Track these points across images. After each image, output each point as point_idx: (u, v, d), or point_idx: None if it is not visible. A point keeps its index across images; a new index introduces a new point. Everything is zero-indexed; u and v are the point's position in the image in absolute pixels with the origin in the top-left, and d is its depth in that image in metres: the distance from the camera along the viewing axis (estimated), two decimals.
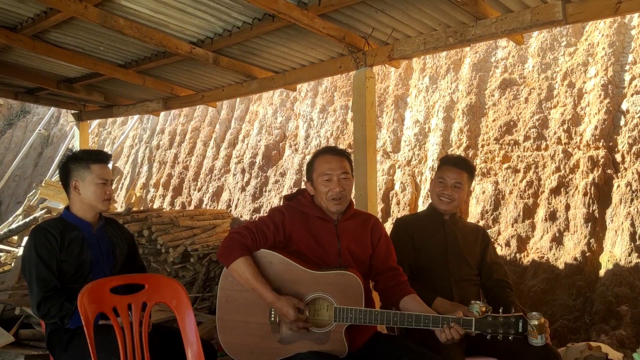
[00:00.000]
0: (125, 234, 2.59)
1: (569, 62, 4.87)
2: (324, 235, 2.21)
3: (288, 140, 7.27)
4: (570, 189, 4.39)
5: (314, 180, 2.24)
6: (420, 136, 5.70)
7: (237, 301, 2.14)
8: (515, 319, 1.98)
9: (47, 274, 2.22)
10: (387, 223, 5.49)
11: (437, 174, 2.63)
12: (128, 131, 10.06)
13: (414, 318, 2.01)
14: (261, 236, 2.13)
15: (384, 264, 2.28)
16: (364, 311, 2.03)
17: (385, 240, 2.33)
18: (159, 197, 8.60)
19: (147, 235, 5.34)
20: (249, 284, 2.06)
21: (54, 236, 2.27)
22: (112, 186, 2.47)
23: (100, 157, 2.42)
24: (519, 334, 1.98)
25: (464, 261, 2.55)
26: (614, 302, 3.77)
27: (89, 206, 2.38)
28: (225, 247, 2.12)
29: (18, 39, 4.18)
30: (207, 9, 3.59)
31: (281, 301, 2.02)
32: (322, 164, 2.24)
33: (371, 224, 2.33)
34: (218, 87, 5.28)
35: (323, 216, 2.23)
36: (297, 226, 2.19)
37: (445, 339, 1.99)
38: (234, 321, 2.13)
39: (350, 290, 2.06)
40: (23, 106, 12.54)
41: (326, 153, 2.27)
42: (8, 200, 11.07)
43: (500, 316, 1.99)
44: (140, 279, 2.29)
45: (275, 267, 2.12)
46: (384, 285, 2.27)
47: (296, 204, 2.26)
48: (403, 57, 3.76)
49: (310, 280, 2.09)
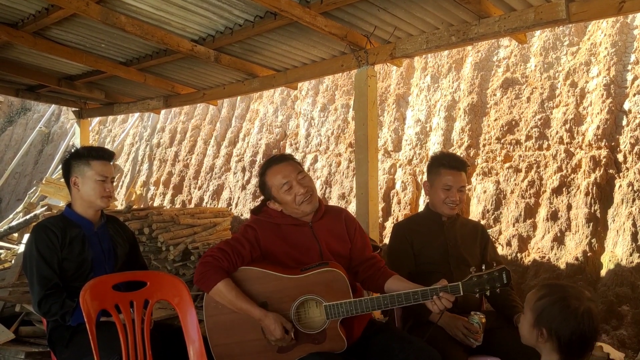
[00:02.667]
0: (127, 232, 2.58)
1: (571, 61, 4.86)
2: (301, 240, 2.17)
3: (289, 139, 7.26)
4: (572, 189, 4.39)
5: (275, 196, 2.18)
6: (422, 135, 5.69)
7: (226, 324, 2.09)
8: (498, 272, 2.01)
9: (48, 271, 2.21)
10: (388, 222, 5.48)
11: (437, 179, 2.55)
12: (129, 129, 10.05)
13: (403, 296, 2.00)
14: (237, 256, 2.07)
15: (361, 255, 2.27)
16: (354, 302, 2.01)
17: (360, 231, 2.31)
18: (160, 195, 8.59)
19: (148, 233, 5.33)
20: (234, 306, 2.02)
21: (55, 234, 2.26)
22: (113, 184, 2.46)
23: (101, 154, 2.39)
24: (505, 284, 2.01)
25: (465, 263, 2.54)
26: (615, 302, 3.76)
27: (88, 203, 2.36)
28: (202, 273, 2.04)
29: (19, 35, 4.18)
30: (209, 7, 3.58)
31: (269, 318, 1.99)
32: (274, 177, 2.17)
33: (343, 217, 2.30)
34: (219, 85, 5.27)
35: (296, 222, 2.19)
36: (271, 239, 2.15)
37: (438, 310, 1.99)
38: (228, 345, 2.09)
39: (335, 285, 2.05)
40: (23, 103, 12.53)
41: (271, 166, 2.20)
42: (8, 197, 11.06)
43: (484, 273, 2.02)
44: (143, 276, 2.28)
45: (256, 282, 2.07)
46: (365, 275, 2.25)
47: (265, 217, 2.20)
48: (405, 55, 3.75)
49: (293, 285, 2.05)
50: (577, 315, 1.52)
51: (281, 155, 2.26)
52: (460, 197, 2.52)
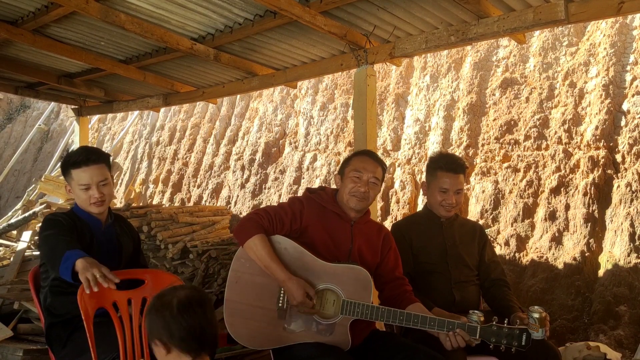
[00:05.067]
0: (132, 232, 2.56)
1: (570, 61, 4.87)
2: (338, 232, 2.24)
3: (288, 138, 7.26)
4: (570, 189, 4.39)
5: (345, 174, 2.28)
6: (421, 135, 5.70)
7: (247, 284, 2.15)
8: (519, 331, 2.00)
9: (63, 229, 2.14)
10: (387, 221, 5.49)
11: (434, 182, 2.55)
12: (128, 127, 10.05)
13: (420, 319, 2.04)
14: (278, 221, 2.16)
15: (391, 274, 2.32)
16: (371, 307, 2.06)
17: (395, 252, 2.37)
18: (159, 193, 8.59)
19: (147, 231, 5.33)
20: (263, 261, 2.08)
21: (66, 220, 2.23)
22: (105, 186, 2.28)
23: (81, 160, 2.24)
24: (522, 347, 2.00)
25: (464, 263, 2.55)
26: (613, 302, 3.77)
27: (84, 208, 2.32)
28: (242, 225, 2.15)
29: (19, 33, 4.17)
30: (209, 5, 3.58)
31: (292, 281, 2.05)
32: (358, 162, 2.29)
33: (383, 234, 2.38)
34: (218, 83, 5.27)
35: (341, 214, 2.26)
36: (313, 219, 2.22)
37: (451, 346, 2.03)
38: (241, 304, 2.14)
39: (359, 284, 2.10)
40: (23, 101, 12.52)
41: (366, 155, 2.34)
42: (7, 194, 11.06)
43: (505, 327, 2.02)
44: (141, 274, 2.29)
45: (288, 253, 2.15)
46: (390, 294, 2.29)
47: (316, 197, 2.29)
48: (404, 55, 3.75)
49: (321, 270, 2.12)
50: (173, 312, 1.47)
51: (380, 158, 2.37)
52: (456, 200, 2.52)
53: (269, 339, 2.11)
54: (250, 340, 2.12)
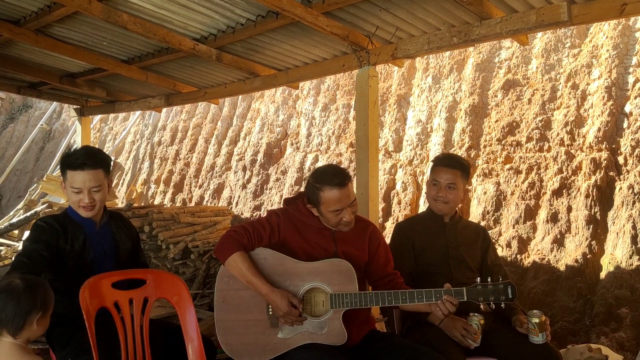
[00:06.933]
0: (130, 230, 2.53)
1: (572, 63, 4.86)
2: (320, 241, 2.23)
3: (290, 139, 7.26)
4: (572, 191, 4.39)
5: (321, 211, 2.19)
6: (423, 136, 5.69)
7: (234, 300, 2.17)
8: (504, 285, 2.04)
9: (32, 246, 2.11)
10: (388, 222, 5.48)
11: (430, 176, 2.60)
12: (130, 127, 10.06)
13: (407, 295, 2.07)
14: (257, 237, 2.18)
15: (383, 271, 2.32)
16: (359, 294, 2.08)
17: (384, 247, 2.35)
18: (160, 194, 8.60)
19: (148, 231, 5.34)
20: (244, 277, 2.11)
21: (53, 227, 2.20)
22: (97, 192, 2.23)
23: (74, 163, 2.19)
24: (510, 299, 2.03)
25: (466, 264, 2.54)
26: (615, 305, 3.76)
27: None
28: (222, 243, 2.18)
29: (21, 33, 4.18)
30: (211, 6, 3.59)
31: (275, 293, 2.06)
32: (330, 198, 2.13)
33: (369, 231, 2.34)
34: (220, 84, 5.28)
35: (321, 226, 2.24)
36: (291, 232, 2.22)
37: (442, 315, 2.06)
38: (232, 321, 2.16)
39: (343, 276, 2.11)
40: (25, 100, 12.55)
41: (333, 187, 2.12)
42: (9, 194, 11.08)
43: (489, 284, 2.05)
44: (142, 274, 2.28)
45: (269, 262, 2.17)
46: (383, 289, 2.27)
47: (294, 211, 2.26)
48: (406, 56, 3.75)
49: (303, 271, 2.14)
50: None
51: (342, 176, 2.16)
52: (450, 195, 2.50)
53: (266, 350, 2.11)
54: (250, 355, 2.12)
